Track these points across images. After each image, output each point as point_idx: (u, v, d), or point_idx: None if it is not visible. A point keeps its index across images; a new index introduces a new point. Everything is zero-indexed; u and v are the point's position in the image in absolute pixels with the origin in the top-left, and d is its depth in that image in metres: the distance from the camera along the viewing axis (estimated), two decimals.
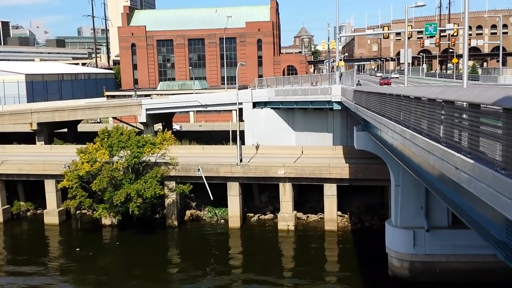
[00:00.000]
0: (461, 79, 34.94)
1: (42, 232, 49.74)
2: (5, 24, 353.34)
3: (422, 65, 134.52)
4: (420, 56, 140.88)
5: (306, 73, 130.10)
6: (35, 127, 70.28)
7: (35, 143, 70.75)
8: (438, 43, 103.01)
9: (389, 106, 24.62)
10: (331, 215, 46.45)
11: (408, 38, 56.67)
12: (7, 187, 53.45)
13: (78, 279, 38.87)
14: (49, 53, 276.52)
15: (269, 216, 50.30)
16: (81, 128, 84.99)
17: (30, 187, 55.01)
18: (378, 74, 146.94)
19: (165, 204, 49.26)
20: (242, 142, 54.64)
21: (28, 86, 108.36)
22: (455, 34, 76.70)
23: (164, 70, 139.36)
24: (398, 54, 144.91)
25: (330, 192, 46.18)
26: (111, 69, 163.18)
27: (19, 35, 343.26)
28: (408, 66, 50.95)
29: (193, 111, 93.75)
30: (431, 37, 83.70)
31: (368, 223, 47.23)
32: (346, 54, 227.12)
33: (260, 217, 50.62)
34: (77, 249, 44.29)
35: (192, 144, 65.14)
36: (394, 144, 26.31)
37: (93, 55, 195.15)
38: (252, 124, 63.11)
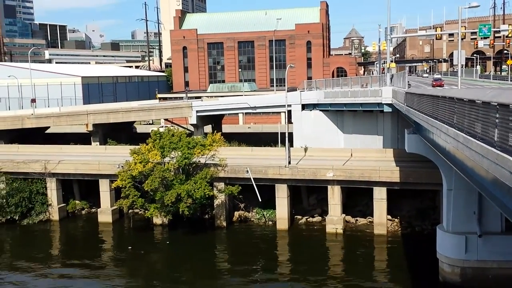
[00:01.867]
0: None
1: (96, 230, 51.48)
2: (63, 28, 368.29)
3: (475, 67, 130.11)
4: (474, 57, 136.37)
5: (356, 75, 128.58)
6: (90, 128, 72.84)
7: (90, 144, 73.28)
8: (492, 44, 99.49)
9: (442, 109, 24.11)
10: (381, 219, 45.74)
11: (462, 39, 55.10)
12: (63, 186, 55.54)
13: (129, 277, 40.01)
14: (104, 56, 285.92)
15: (317, 218, 50.09)
16: (134, 129, 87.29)
17: (85, 186, 56.93)
18: (425, 75, 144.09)
19: (214, 205, 49.95)
20: (291, 144, 54.65)
21: (84, 88, 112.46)
22: (510, 35, 73.85)
23: (214, 73, 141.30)
24: (451, 55, 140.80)
25: (379, 195, 45.50)
26: (163, 71, 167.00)
27: (76, 39, 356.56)
28: (462, 67, 49.51)
29: (242, 113, 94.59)
30: (485, 38, 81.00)
31: (418, 228, 46.21)
32: (397, 55, 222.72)
33: (308, 219, 50.48)
34: (129, 247, 45.62)
35: (241, 146, 65.73)
36: (447, 148, 25.74)
37: (146, 58, 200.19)
38: (301, 126, 63.04)
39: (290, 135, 55.95)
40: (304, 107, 63.43)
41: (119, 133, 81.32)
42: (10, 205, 52.35)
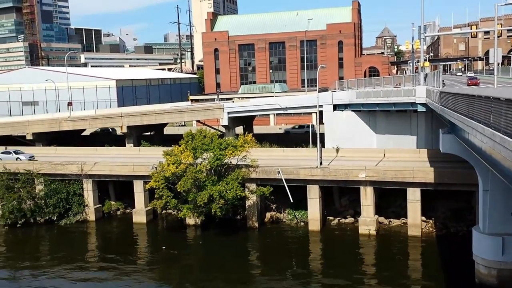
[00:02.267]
0: None
1: (130, 230, 52.41)
2: (97, 32, 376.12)
3: None
4: (510, 55, 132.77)
5: (389, 75, 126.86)
6: (125, 130, 74.16)
7: (124, 145, 74.56)
8: None
9: (477, 108, 23.64)
10: (415, 220, 45.05)
11: (498, 36, 53.75)
12: (99, 187, 56.71)
13: (163, 277, 40.64)
14: (137, 59, 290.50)
15: (350, 220, 49.70)
16: (166, 131, 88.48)
17: (120, 187, 58.03)
18: (458, 74, 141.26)
19: (246, 205, 50.15)
20: (322, 145, 54.41)
21: (119, 91, 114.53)
22: None
23: (245, 74, 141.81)
24: (487, 53, 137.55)
25: (413, 196, 44.83)
26: (195, 73, 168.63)
27: (110, 43, 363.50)
28: (498, 66, 48.28)
29: (273, 114, 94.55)
30: None
31: (453, 229, 45.35)
32: (431, 54, 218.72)
33: (340, 220, 50.15)
34: (163, 247, 46.28)
35: (272, 147, 65.77)
36: (483, 148, 25.22)
37: (178, 61, 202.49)
38: (332, 126, 62.65)
39: (322, 135, 55.70)
40: (335, 107, 63.02)
41: (152, 135, 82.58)
42: (48, 205, 53.87)
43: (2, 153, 63.56)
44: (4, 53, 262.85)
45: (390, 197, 49.30)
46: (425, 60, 64.43)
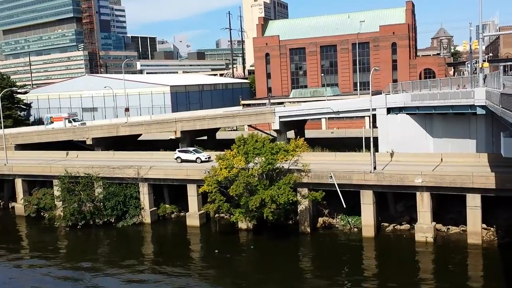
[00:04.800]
0: None
1: (184, 233, 53.18)
2: (152, 40, 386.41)
3: None
4: None
5: (445, 76, 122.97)
6: (179, 135, 75.49)
7: None
8: None
9: None
10: (475, 228, 43.22)
11: None
12: (155, 191, 57.94)
13: (216, 280, 40.89)
14: (190, 65, 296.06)
15: (405, 226, 48.30)
16: (219, 135, 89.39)
17: (175, 191, 59.01)
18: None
19: (298, 210, 49.77)
20: (376, 149, 53.27)
21: (173, 97, 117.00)
22: None
23: (296, 78, 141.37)
24: None
25: (473, 203, 43.03)
26: (246, 78, 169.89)
27: (164, 50, 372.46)
28: None
29: (325, 118, 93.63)
30: None
31: None
32: (491, 54, 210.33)
33: (395, 227, 48.83)
34: (216, 251, 46.63)
35: (324, 151, 65.06)
36: None
37: (230, 66, 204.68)
38: (386, 130, 61.24)
39: (375, 140, 54.57)
40: (389, 110, 61.57)
41: (205, 139, 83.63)
42: (107, 208, 55.62)
43: (180, 151, 64.37)
44: (65, 61, 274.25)
45: (448, 203, 47.56)
46: (484, 60, 61.86)
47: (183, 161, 62.11)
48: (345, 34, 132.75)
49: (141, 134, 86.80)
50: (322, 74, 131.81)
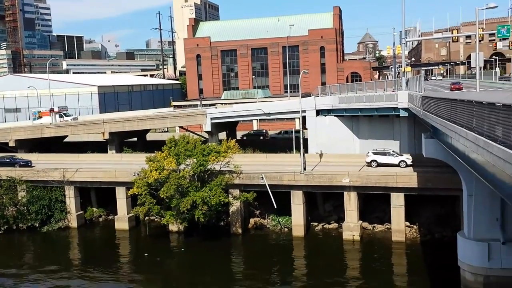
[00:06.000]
0: None
1: (113, 237, 51.68)
2: (79, 39, 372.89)
3: (494, 69, 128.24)
4: (493, 59, 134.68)
5: (371, 80, 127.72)
6: (107, 136, 73.33)
7: (106, 152, 73.71)
8: (511, 45, 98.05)
9: (460, 113, 23.66)
10: (399, 226, 45.10)
11: (479, 41, 54.35)
12: (81, 194, 55.99)
13: (146, 284, 40.05)
14: (119, 65, 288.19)
15: (334, 225, 49.59)
16: (149, 137, 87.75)
17: (102, 194, 57.28)
18: (438, 78, 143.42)
19: (230, 211, 49.78)
20: (306, 150, 54.29)
21: (101, 98, 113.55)
22: None
23: (228, 80, 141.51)
24: (469, 57, 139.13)
25: (397, 201, 44.89)
26: (177, 79, 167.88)
27: (92, 49, 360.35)
28: (480, 70, 48.73)
29: (256, 119, 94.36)
30: (504, 39, 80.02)
31: (438, 235, 45.43)
32: (413, 59, 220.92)
33: (324, 226, 50.00)
34: (146, 254, 45.64)
35: (256, 153, 65.53)
36: (466, 152, 25.23)
37: (161, 67, 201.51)
38: (316, 132, 62.65)
39: (305, 141, 55.66)
40: (318, 112, 63.05)
41: (135, 141, 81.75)
42: (30, 212, 53.22)
43: (376, 153, 52.26)
44: None
45: (374, 202, 49.34)
46: (406, 65, 64.89)
47: (379, 165, 50.78)
48: (276, 37, 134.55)
49: (67, 136, 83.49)
50: (254, 76, 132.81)
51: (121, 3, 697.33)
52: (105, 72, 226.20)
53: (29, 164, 60.15)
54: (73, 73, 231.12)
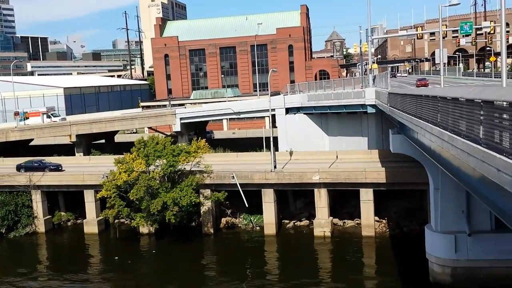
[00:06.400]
0: (500, 77, 33.85)
1: (82, 241, 50.76)
2: (44, 40, 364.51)
3: (458, 65, 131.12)
4: (456, 55, 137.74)
5: (339, 77, 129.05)
6: (74, 139, 72.02)
7: (74, 155, 72.40)
8: (474, 41, 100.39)
9: (425, 108, 24.10)
10: (368, 221, 45.71)
11: (443, 37, 55.38)
12: (48, 198, 54.76)
13: (116, 287, 39.45)
14: (85, 66, 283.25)
15: (305, 222, 49.90)
16: (118, 138, 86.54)
17: (70, 198, 56.16)
18: (403, 75, 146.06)
19: (201, 212, 49.52)
20: (276, 149, 54.46)
21: (67, 99, 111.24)
22: (491, 32, 74.60)
23: (197, 79, 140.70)
24: (433, 54, 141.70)
25: (366, 197, 45.49)
26: (145, 80, 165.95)
27: (57, 50, 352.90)
28: (444, 66, 49.75)
29: (226, 118, 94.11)
30: (467, 35, 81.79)
31: (406, 228, 46.25)
32: (379, 56, 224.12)
33: (295, 223, 50.27)
34: (116, 258, 45.02)
35: (226, 152, 65.41)
36: (432, 147, 25.72)
37: (128, 67, 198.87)
38: (286, 130, 62.90)
39: (275, 139, 55.76)
40: (288, 111, 63.33)
41: (103, 143, 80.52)
42: None
43: None
44: None
45: (344, 199, 49.87)
46: (373, 62, 65.86)
47: None
48: (244, 36, 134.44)
49: (33, 139, 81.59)
50: (223, 75, 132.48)
51: (86, 3, 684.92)
52: (71, 74, 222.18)
53: (60, 168, 57.09)
54: (38, 75, 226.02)
